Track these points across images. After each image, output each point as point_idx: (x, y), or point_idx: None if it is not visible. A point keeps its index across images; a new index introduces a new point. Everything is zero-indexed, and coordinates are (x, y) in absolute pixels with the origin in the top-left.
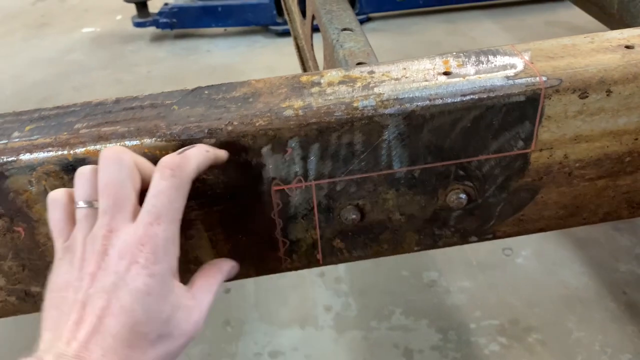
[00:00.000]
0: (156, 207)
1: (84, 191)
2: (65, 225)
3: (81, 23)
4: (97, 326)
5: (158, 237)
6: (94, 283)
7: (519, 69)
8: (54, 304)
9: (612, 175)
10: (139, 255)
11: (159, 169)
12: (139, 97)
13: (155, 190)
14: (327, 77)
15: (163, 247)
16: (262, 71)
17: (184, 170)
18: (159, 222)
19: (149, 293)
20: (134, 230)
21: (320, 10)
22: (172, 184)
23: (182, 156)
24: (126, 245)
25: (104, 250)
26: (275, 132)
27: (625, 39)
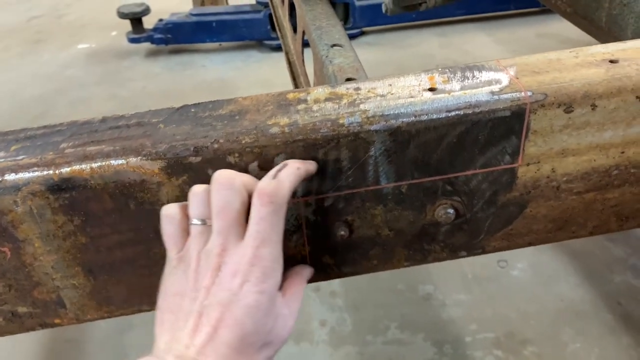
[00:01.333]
0: (260, 233)
1: (199, 210)
2: (179, 238)
3: (77, 39)
4: (212, 335)
5: (265, 259)
6: (209, 296)
7: (504, 84)
8: (170, 308)
9: (600, 189)
10: (250, 275)
11: (257, 197)
12: (126, 116)
13: (257, 217)
14: (314, 94)
15: (270, 267)
16: (257, 86)
17: (280, 195)
18: (265, 246)
19: (258, 308)
20: (243, 252)
21: (310, 26)
22: (271, 209)
23: (277, 182)
24: (238, 264)
25: (218, 267)
26: (261, 149)
27: (609, 53)
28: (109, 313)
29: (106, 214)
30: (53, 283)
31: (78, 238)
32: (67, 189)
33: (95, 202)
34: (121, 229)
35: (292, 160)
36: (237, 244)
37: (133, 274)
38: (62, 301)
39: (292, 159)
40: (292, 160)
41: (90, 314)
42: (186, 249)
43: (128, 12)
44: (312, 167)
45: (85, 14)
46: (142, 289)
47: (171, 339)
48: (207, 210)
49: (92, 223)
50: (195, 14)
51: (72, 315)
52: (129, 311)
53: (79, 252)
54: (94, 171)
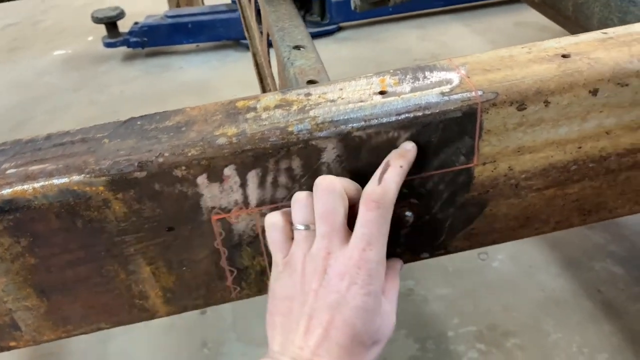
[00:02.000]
0: (366, 235)
1: (303, 216)
2: (284, 243)
3: (53, 46)
4: (324, 336)
5: (371, 261)
6: (318, 299)
7: (455, 84)
8: (280, 311)
9: (559, 185)
10: (357, 277)
11: (365, 202)
12: (71, 132)
13: (364, 220)
14: (264, 101)
15: (376, 269)
16: (235, 86)
17: (386, 199)
18: (371, 248)
19: (366, 309)
20: (350, 255)
21: (273, 27)
22: (378, 214)
23: (383, 187)
24: (345, 267)
25: (324, 270)
26: (209, 161)
27: (562, 47)
28: (66, 333)
29: (53, 233)
30: (5, 306)
31: (27, 259)
32: (11, 210)
33: (41, 222)
34: (71, 248)
35: (394, 156)
36: (341, 247)
37: (88, 293)
38: (16, 324)
39: (393, 153)
40: (394, 156)
41: (47, 335)
42: (291, 253)
43: (102, 17)
44: (412, 154)
45: (62, 20)
46: (99, 307)
47: (284, 340)
48: (310, 216)
49: (40, 243)
50: (171, 16)
51: (29, 337)
52: (87, 330)
53: (29, 273)
54: (37, 191)
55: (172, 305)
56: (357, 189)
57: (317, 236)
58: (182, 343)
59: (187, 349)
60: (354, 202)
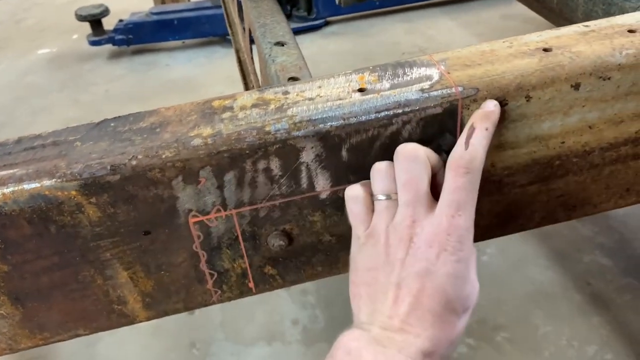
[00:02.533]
0: (456, 202)
1: (384, 185)
2: (366, 215)
3: (37, 44)
4: (415, 304)
5: (461, 227)
6: (405, 268)
7: (435, 80)
8: (366, 281)
9: (543, 180)
10: (446, 244)
11: (453, 169)
12: (42, 135)
13: (453, 186)
14: (240, 100)
15: (466, 236)
16: (223, 82)
17: (475, 163)
18: (460, 214)
19: (457, 276)
20: (438, 222)
21: (255, 23)
22: (468, 179)
23: (470, 151)
24: (433, 234)
25: (410, 238)
26: (184, 163)
27: (543, 41)
28: (44, 340)
29: (26, 239)
30: None
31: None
32: None
33: (13, 228)
34: (44, 254)
35: (478, 118)
36: (427, 215)
37: (64, 299)
38: None
39: (477, 115)
40: (479, 118)
41: (23, 342)
42: (373, 224)
43: (86, 14)
44: (497, 114)
45: (45, 18)
46: (76, 313)
47: (372, 310)
48: (392, 185)
49: (12, 250)
50: (156, 13)
51: (5, 346)
52: (65, 337)
53: (2, 280)
54: (7, 197)
55: (152, 310)
56: (438, 158)
57: (401, 205)
58: (170, 344)
59: (175, 350)
60: (435, 172)
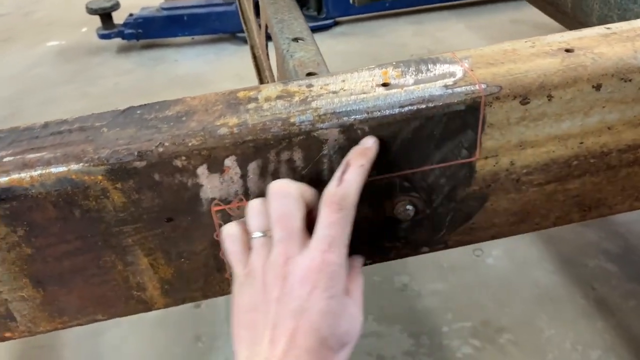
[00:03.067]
0: (328, 237)
1: (258, 222)
2: (243, 254)
3: (46, 37)
4: (290, 344)
5: (333, 263)
6: (281, 307)
7: (458, 77)
8: (244, 324)
9: (560, 180)
10: (318, 281)
11: (327, 205)
12: (68, 120)
13: (326, 222)
14: (265, 92)
15: (337, 272)
16: (231, 79)
17: (348, 201)
18: (332, 250)
19: (330, 312)
20: (310, 258)
21: (272, 19)
22: (341, 215)
23: (343, 187)
24: (305, 271)
25: (284, 277)
26: (209, 151)
27: (565, 42)
28: (62, 324)
29: (50, 223)
30: (1, 296)
31: (23, 249)
32: (7, 199)
33: (38, 211)
34: (68, 238)
35: (354, 154)
36: (301, 251)
37: (84, 284)
38: (11, 314)
39: (354, 151)
40: (355, 154)
41: (42, 326)
42: (250, 263)
43: (97, 8)
44: (374, 151)
45: (54, 10)
46: (95, 298)
47: (250, 354)
48: (266, 222)
49: (36, 233)
50: (166, 8)
51: (24, 328)
52: (83, 321)
53: (25, 263)
54: (35, 179)
55: (170, 297)
56: (315, 193)
57: (274, 242)
58: (175, 337)
59: (180, 343)
60: (312, 207)
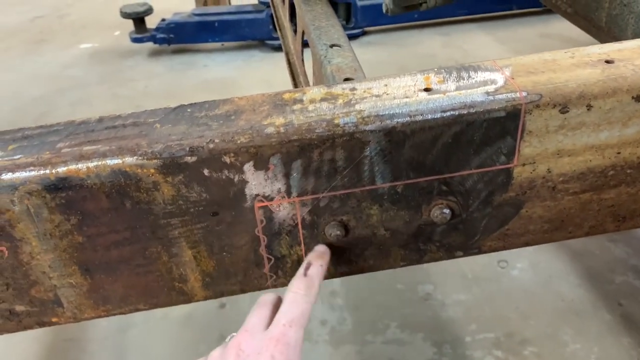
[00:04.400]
0: (289, 314)
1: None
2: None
3: (79, 39)
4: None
5: (290, 337)
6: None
7: (500, 84)
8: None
9: (596, 189)
10: (273, 351)
11: (292, 290)
12: (122, 116)
13: (291, 302)
14: (310, 94)
15: (293, 347)
16: (258, 85)
17: (312, 290)
18: (292, 326)
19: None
20: (270, 330)
21: (310, 26)
22: (304, 300)
23: (309, 278)
24: (264, 340)
25: (238, 346)
26: (257, 149)
27: (605, 53)
28: (106, 312)
29: (102, 213)
30: (50, 282)
31: (75, 237)
32: (64, 188)
33: (92, 201)
34: (117, 228)
35: (313, 256)
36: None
37: (129, 273)
38: (59, 300)
39: (312, 254)
40: (314, 256)
41: (87, 313)
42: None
43: (131, 12)
44: (328, 255)
45: (88, 13)
46: (138, 288)
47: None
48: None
49: (88, 222)
50: (198, 14)
51: (70, 314)
52: (126, 310)
53: (75, 251)
54: (90, 170)
55: (210, 290)
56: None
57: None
58: (200, 335)
59: (205, 342)
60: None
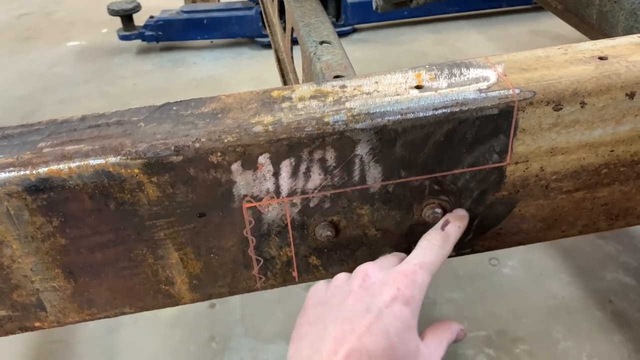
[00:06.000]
0: (421, 257)
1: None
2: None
3: (67, 36)
4: (356, 345)
5: (418, 276)
6: (356, 299)
7: (492, 81)
8: (310, 319)
9: (589, 187)
10: (400, 284)
11: (427, 239)
12: (106, 114)
13: (424, 246)
14: (299, 91)
15: (419, 287)
16: (248, 83)
17: (447, 244)
18: (422, 267)
19: (403, 320)
20: (400, 265)
21: (299, 22)
22: (438, 250)
23: (446, 232)
24: (392, 273)
25: (367, 274)
26: (244, 148)
27: (598, 50)
28: (90, 316)
29: (85, 214)
30: (32, 285)
31: (57, 239)
32: (45, 189)
33: (74, 202)
34: (101, 230)
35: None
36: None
37: (114, 276)
38: (42, 304)
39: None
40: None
41: (71, 316)
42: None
43: (118, 9)
44: (467, 220)
45: (75, 11)
46: (124, 291)
47: (311, 354)
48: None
49: (71, 224)
50: (186, 11)
51: (53, 319)
52: (111, 314)
53: (58, 253)
54: (72, 171)
55: (197, 293)
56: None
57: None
58: (190, 336)
59: (194, 343)
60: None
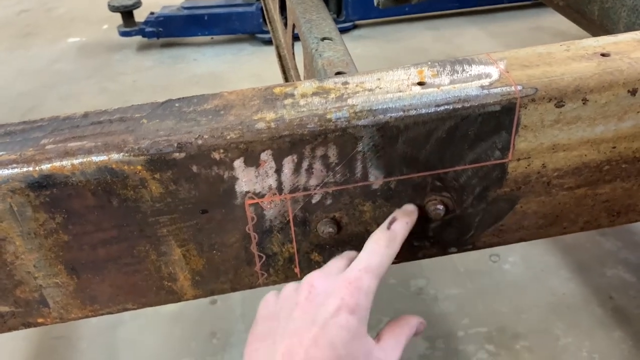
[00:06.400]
0: (365, 261)
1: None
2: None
3: (67, 33)
4: (304, 359)
5: (364, 282)
6: (303, 313)
7: (494, 78)
8: (260, 336)
9: (591, 184)
10: (345, 293)
11: (374, 240)
12: (108, 111)
13: (370, 250)
14: (301, 88)
15: (365, 293)
16: (248, 79)
17: (396, 242)
18: (367, 272)
19: (349, 330)
20: (344, 273)
21: (300, 19)
22: (385, 251)
23: (392, 231)
24: (337, 281)
25: (312, 284)
26: (247, 145)
27: (601, 46)
28: (93, 312)
29: (88, 211)
30: (35, 282)
31: (60, 236)
32: (48, 185)
33: (77, 199)
34: (104, 227)
35: (400, 213)
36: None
37: (117, 272)
38: (45, 300)
39: (400, 211)
40: (400, 213)
41: (74, 313)
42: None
43: (119, 5)
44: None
45: (75, 7)
46: (127, 287)
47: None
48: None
49: (74, 220)
50: (187, 7)
51: (56, 315)
52: (114, 310)
53: (61, 250)
54: (75, 167)
55: (200, 289)
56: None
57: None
58: (191, 332)
59: (196, 339)
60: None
